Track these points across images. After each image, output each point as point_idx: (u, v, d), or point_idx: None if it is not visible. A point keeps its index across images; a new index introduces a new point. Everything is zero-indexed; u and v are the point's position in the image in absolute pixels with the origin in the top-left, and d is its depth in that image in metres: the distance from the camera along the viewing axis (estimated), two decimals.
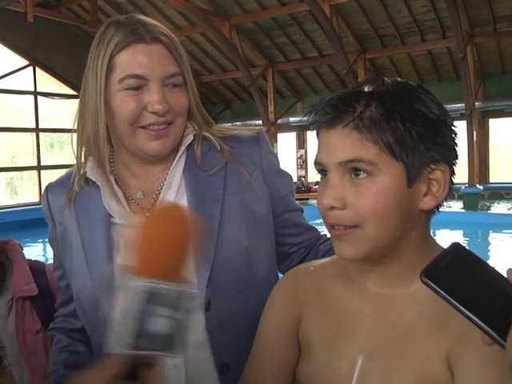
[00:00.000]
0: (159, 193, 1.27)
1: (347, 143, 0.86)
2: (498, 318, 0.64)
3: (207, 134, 1.30)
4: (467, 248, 0.73)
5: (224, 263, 1.21)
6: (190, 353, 1.23)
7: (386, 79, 0.91)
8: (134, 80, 1.18)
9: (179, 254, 0.79)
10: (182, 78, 1.23)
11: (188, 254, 0.80)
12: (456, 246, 0.73)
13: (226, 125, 1.41)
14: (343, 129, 0.87)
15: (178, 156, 1.27)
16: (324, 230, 1.42)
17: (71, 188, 1.30)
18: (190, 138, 1.28)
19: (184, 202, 1.25)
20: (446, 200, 0.91)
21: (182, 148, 1.28)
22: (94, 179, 1.26)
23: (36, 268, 1.74)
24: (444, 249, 0.73)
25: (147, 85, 1.18)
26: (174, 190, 1.27)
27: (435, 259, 0.71)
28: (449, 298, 0.67)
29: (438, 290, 0.68)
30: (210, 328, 1.21)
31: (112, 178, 1.29)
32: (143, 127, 1.20)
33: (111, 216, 1.25)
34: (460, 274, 0.69)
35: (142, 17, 1.25)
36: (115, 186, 1.28)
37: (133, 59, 1.18)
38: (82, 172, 1.27)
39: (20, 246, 1.78)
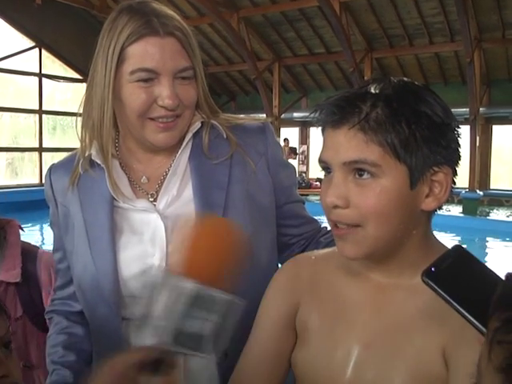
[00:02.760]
0: (164, 178, 1.28)
1: (352, 144, 0.87)
2: None
3: (214, 123, 1.30)
4: (468, 251, 0.75)
5: None
6: None
7: (392, 79, 0.91)
8: (146, 73, 1.17)
9: (224, 265, 0.83)
10: (193, 71, 1.23)
11: (231, 267, 0.83)
12: (458, 249, 0.75)
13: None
14: (349, 130, 0.87)
15: (184, 143, 1.28)
16: (325, 223, 1.43)
17: (75, 169, 1.31)
18: (197, 126, 1.29)
19: (189, 188, 1.26)
20: (446, 203, 0.92)
21: (189, 135, 1.28)
22: (99, 162, 1.26)
23: (29, 252, 1.72)
24: (446, 250, 0.75)
25: (158, 78, 1.18)
26: (179, 176, 1.27)
27: (437, 260, 0.73)
28: (447, 297, 0.69)
29: (438, 289, 0.70)
30: None
31: (117, 162, 1.29)
32: (152, 119, 1.20)
33: (115, 199, 1.26)
34: (460, 276, 0.72)
35: (155, 5, 1.23)
36: (120, 170, 1.29)
37: (145, 52, 1.17)
38: (86, 154, 1.28)
39: (20, 227, 1.76)
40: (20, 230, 1.76)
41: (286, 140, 15.87)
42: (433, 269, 0.72)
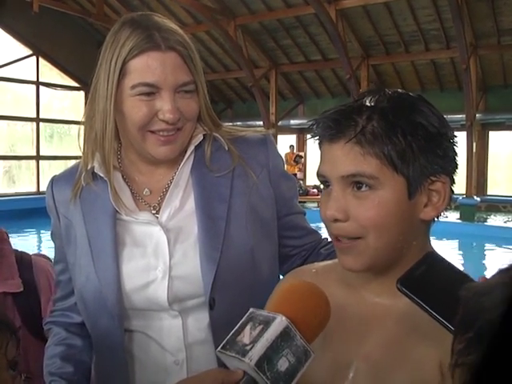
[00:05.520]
0: (166, 191, 1.28)
1: (349, 157, 0.88)
2: None
3: (216, 135, 1.31)
4: (442, 256, 0.76)
5: (229, 262, 1.23)
6: (193, 350, 1.24)
7: (387, 91, 0.92)
8: (147, 87, 1.18)
9: (316, 323, 0.85)
10: (195, 85, 1.24)
11: (320, 329, 0.86)
12: (431, 255, 0.76)
13: (228, 124, 1.41)
14: (346, 143, 0.88)
15: (186, 156, 1.28)
16: (324, 232, 1.43)
17: (77, 182, 1.31)
18: (199, 138, 1.29)
19: (191, 201, 1.27)
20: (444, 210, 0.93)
21: (191, 148, 1.28)
22: (101, 175, 1.26)
23: (22, 260, 1.64)
24: (421, 257, 0.76)
25: (159, 92, 1.18)
26: (182, 188, 1.28)
27: (411, 268, 0.74)
28: (422, 303, 0.70)
29: (412, 296, 0.72)
30: (214, 326, 1.22)
31: (119, 174, 1.30)
32: (152, 132, 1.21)
33: (117, 212, 1.26)
34: (434, 281, 0.73)
35: (158, 18, 1.24)
36: (122, 182, 1.30)
37: (146, 67, 1.17)
38: (89, 167, 1.28)
39: (6, 233, 1.66)
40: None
41: (291, 147, 16.09)
42: (407, 276, 0.73)
